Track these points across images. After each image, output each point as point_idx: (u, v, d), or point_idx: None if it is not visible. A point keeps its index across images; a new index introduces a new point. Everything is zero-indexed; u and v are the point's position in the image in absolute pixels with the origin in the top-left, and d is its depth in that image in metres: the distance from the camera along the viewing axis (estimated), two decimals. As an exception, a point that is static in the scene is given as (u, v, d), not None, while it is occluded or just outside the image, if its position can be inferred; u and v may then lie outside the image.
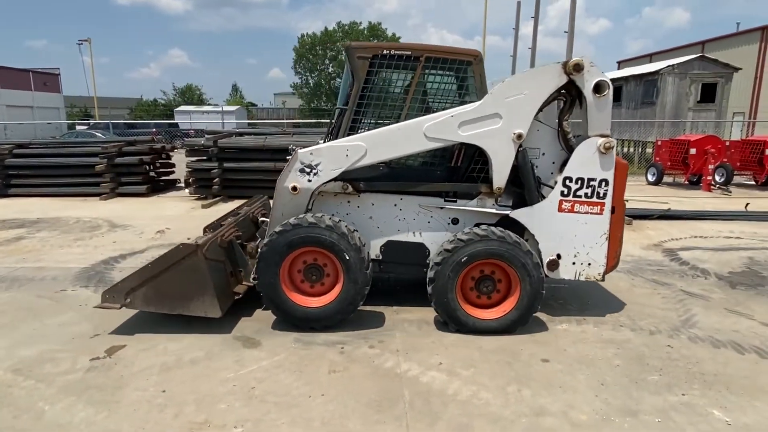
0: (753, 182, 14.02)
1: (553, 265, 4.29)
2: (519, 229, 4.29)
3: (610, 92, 4.12)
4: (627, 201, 10.80)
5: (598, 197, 4.23)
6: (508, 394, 3.26)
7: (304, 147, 4.30)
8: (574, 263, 4.32)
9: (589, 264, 4.32)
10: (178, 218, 9.13)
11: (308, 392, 3.27)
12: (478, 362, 3.69)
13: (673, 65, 18.69)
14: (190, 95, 52.88)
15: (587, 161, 4.18)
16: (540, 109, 4.20)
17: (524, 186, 4.31)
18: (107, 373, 3.52)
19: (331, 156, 4.18)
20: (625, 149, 20.69)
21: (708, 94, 18.71)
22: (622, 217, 4.47)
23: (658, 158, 14.38)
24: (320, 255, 4.16)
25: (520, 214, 4.29)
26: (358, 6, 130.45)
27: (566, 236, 4.28)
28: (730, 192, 12.39)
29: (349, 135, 4.28)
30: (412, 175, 4.47)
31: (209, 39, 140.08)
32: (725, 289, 5.38)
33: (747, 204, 10.02)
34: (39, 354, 3.81)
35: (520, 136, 4.12)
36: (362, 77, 4.24)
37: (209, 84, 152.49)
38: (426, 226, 4.49)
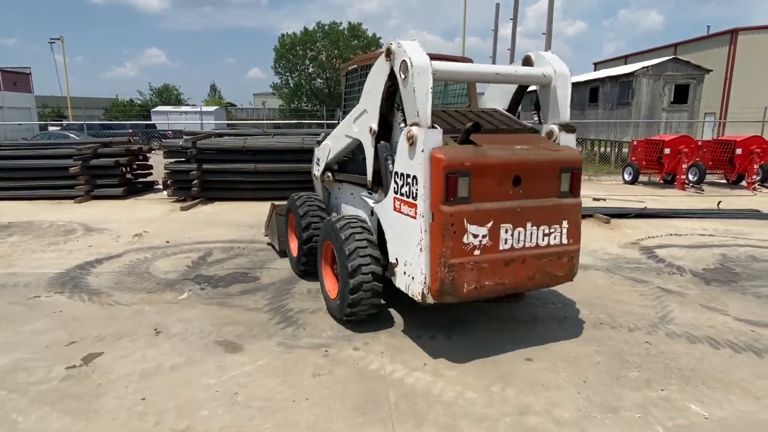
0: (724, 181, 14.43)
1: (392, 268, 3.91)
2: None
3: (414, 74, 3.44)
4: (605, 200, 11.08)
5: (413, 198, 3.55)
6: (492, 394, 3.28)
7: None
8: (404, 272, 3.74)
9: (413, 278, 3.63)
10: (156, 221, 8.96)
11: (292, 396, 3.24)
12: (462, 362, 3.70)
13: (647, 67, 19.14)
14: (168, 95, 51.96)
15: (402, 154, 3.68)
16: (387, 102, 3.92)
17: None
18: (84, 382, 3.42)
19: (320, 151, 5.53)
20: (602, 149, 21.09)
21: (681, 95, 19.21)
22: (444, 228, 3.39)
23: (634, 158, 14.68)
24: None
25: (377, 209, 4.15)
26: (339, 6, 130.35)
27: (400, 240, 3.80)
28: (703, 190, 12.72)
29: None
30: (354, 169, 4.95)
31: (187, 38, 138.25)
32: (700, 286, 5.51)
33: (719, 202, 10.30)
34: (12, 363, 3.69)
35: (371, 130, 4.09)
36: (342, 87, 5.18)
37: (187, 84, 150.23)
38: (365, 213, 4.74)
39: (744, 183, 13.58)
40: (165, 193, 11.46)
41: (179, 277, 5.77)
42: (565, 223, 3.79)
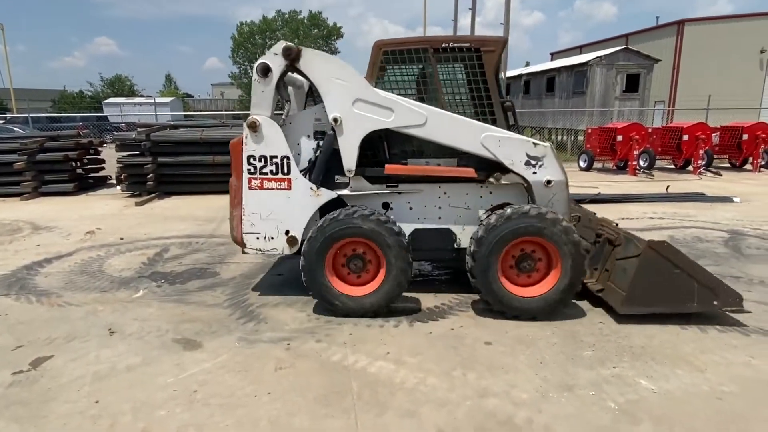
0: (673, 166, 15.12)
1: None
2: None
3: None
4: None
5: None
6: (453, 379, 3.34)
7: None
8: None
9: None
10: (110, 217, 8.62)
11: (254, 392, 3.20)
12: (424, 349, 3.75)
13: (600, 57, 19.72)
14: (120, 86, 49.75)
15: None
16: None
17: None
18: (32, 387, 3.27)
19: None
20: (559, 137, 21.66)
21: (632, 84, 19.92)
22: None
23: (588, 145, 15.17)
24: None
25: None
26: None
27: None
28: (653, 176, 13.29)
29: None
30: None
31: (139, 26, 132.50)
32: (650, 267, 5.76)
33: (668, 186, 10.79)
34: (-48, 371, 3.48)
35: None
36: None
37: (141, 74, 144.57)
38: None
39: (690, 168, 14.26)
40: (118, 188, 11.03)
41: (134, 274, 5.58)
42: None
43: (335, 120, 4.23)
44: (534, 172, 4.31)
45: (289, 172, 4.37)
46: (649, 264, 4.09)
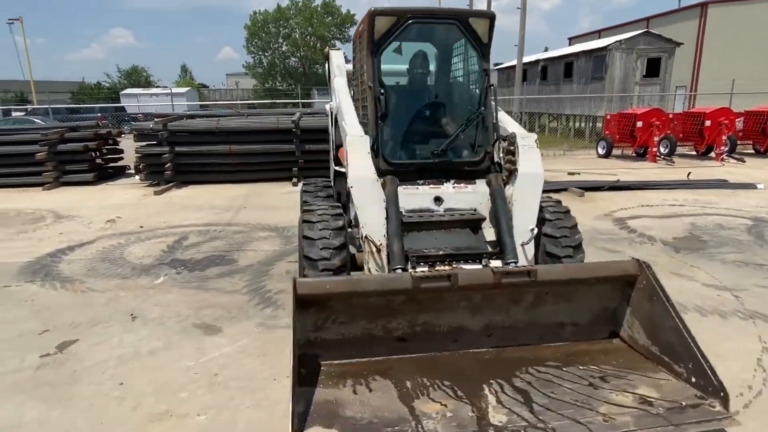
0: (694, 152, 14.78)
1: None
2: None
3: None
4: (579, 174, 11.23)
5: None
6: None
7: None
8: None
9: None
10: (129, 206, 8.76)
11: (273, 375, 3.25)
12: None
13: (620, 41, 19.28)
14: (137, 77, 50.27)
15: None
16: None
17: None
18: (59, 370, 3.37)
19: None
20: (577, 124, 21.31)
21: (653, 68, 19.45)
22: None
23: (607, 132, 14.89)
24: None
25: None
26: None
27: None
28: (674, 162, 13.02)
29: None
30: None
31: (154, 17, 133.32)
32: (670, 254, 5.68)
33: (689, 173, 10.57)
34: (-18, 354, 3.61)
35: None
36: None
37: (157, 65, 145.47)
38: None
39: (713, 154, 13.93)
40: (137, 177, 11.19)
41: (154, 261, 5.68)
42: None
43: None
44: None
45: None
46: None
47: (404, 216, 3.57)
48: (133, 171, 11.69)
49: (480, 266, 3.29)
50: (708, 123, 13.66)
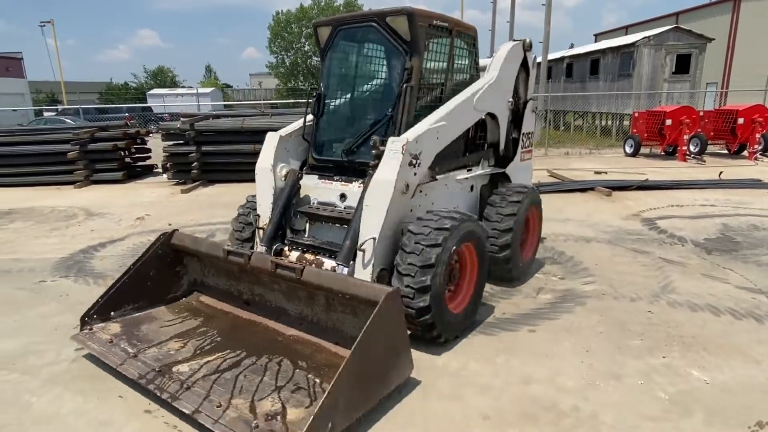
0: (726, 151, 14.35)
1: None
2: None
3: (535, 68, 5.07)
4: (606, 173, 11.04)
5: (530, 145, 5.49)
6: (497, 365, 3.33)
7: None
8: None
9: None
10: (157, 204, 8.96)
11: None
12: (464, 334, 3.74)
13: (648, 37, 18.82)
14: (163, 78, 51.35)
15: (528, 119, 5.30)
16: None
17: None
18: (94, 363, 3.47)
19: (418, 145, 3.62)
20: (604, 122, 20.91)
21: (682, 65, 18.93)
22: None
23: (635, 130, 14.57)
24: None
25: (508, 170, 5.06)
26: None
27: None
28: (704, 161, 12.67)
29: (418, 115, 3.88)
30: (450, 153, 4.25)
31: (179, 18, 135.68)
32: (701, 255, 5.54)
33: (721, 172, 10.27)
34: (22, 346, 3.74)
35: (510, 103, 4.90)
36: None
37: (182, 66, 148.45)
38: (461, 198, 4.63)
39: (746, 153, 13.51)
40: (165, 176, 11.44)
41: (183, 258, 5.78)
42: None
43: None
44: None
45: None
46: None
47: (311, 207, 4.17)
48: (160, 170, 11.95)
49: (333, 262, 3.67)
50: (741, 121, 13.26)
